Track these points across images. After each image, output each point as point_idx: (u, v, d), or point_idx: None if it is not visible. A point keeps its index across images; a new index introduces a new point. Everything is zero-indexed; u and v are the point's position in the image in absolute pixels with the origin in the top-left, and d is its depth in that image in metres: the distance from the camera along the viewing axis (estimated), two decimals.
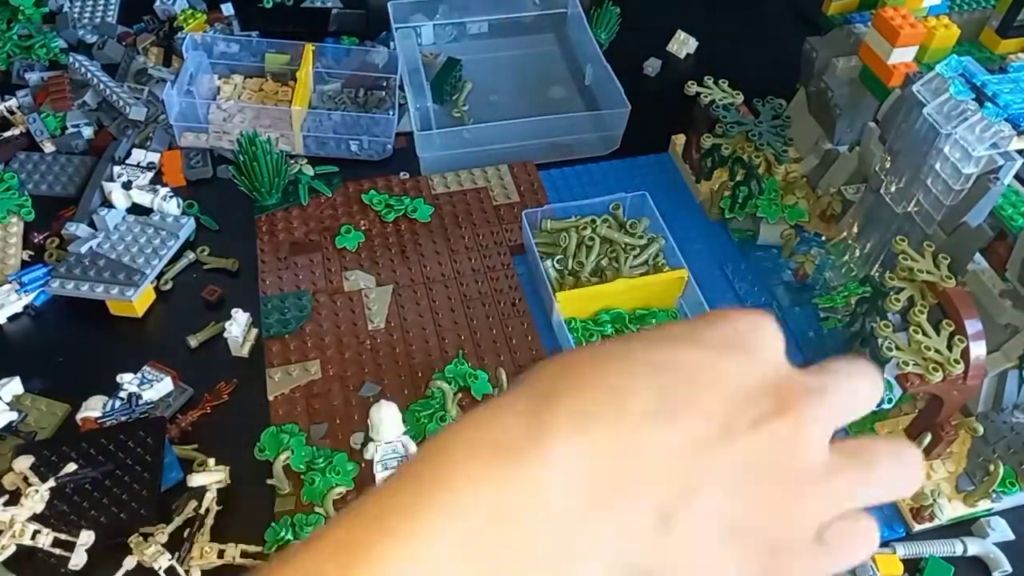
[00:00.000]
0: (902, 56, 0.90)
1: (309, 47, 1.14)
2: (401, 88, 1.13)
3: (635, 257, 0.93)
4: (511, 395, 0.30)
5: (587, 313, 0.90)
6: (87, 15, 1.28)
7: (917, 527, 0.78)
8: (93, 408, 0.82)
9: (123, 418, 0.82)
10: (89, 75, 1.13)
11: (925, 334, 0.76)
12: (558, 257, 0.93)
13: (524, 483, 0.27)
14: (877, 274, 0.88)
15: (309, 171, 1.06)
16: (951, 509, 0.79)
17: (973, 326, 0.75)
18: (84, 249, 0.94)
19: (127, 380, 0.84)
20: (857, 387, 0.33)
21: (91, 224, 0.99)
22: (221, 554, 0.73)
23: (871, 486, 0.32)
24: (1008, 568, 0.76)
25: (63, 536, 0.72)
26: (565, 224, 0.96)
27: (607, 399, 0.29)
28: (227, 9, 1.29)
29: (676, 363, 0.31)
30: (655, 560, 0.28)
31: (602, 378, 0.30)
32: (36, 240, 0.99)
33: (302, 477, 0.78)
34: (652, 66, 1.26)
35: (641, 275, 0.92)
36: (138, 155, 1.07)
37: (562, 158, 1.12)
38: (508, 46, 1.28)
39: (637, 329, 0.90)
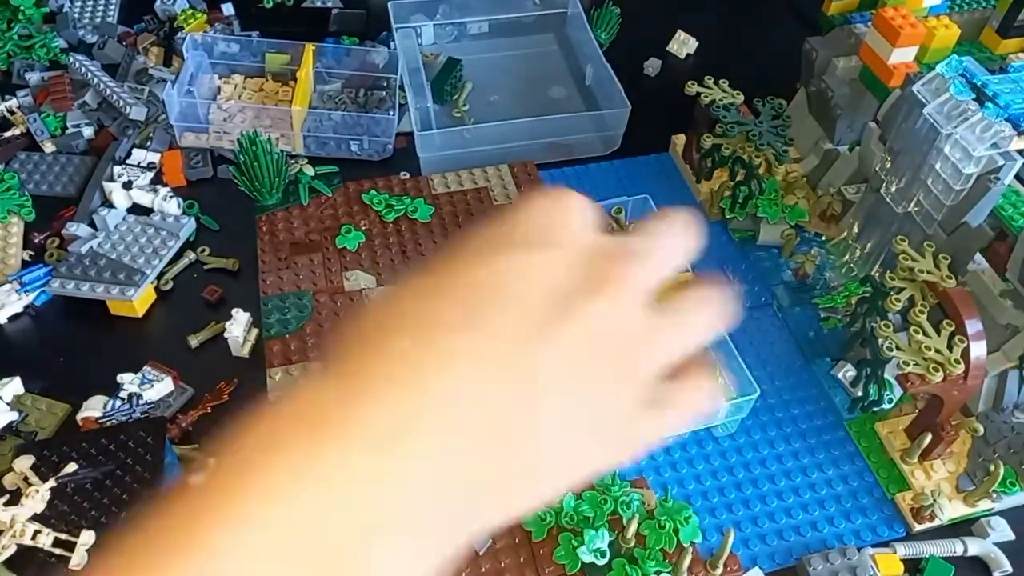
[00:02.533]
0: (902, 56, 0.90)
1: (309, 47, 1.14)
2: (401, 88, 1.13)
3: None
4: (323, 369, 0.31)
5: None
6: (87, 15, 1.28)
7: (917, 527, 0.78)
8: (93, 408, 0.82)
9: (123, 418, 0.82)
10: (89, 75, 1.13)
11: (925, 334, 0.76)
12: None
13: (332, 454, 0.27)
14: (877, 274, 0.88)
15: (309, 171, 1.06)
16: (951, 509, 0.79)
17: (973, 326, 0.75)
18: (84, 249, 0.94)
19: (127, 380, 0.84)
20: (671, 244, 0.35)
21: (91, 224, 0.99)
22: None
23: (688, 336, 0.34)
24: (1008, 568, 0.76)
25: (64, 536, 0.72)
26: None
27: (409, 349, 0.29)
28: (227, 9, 1.29)
29: (486, 280, 0.31)
30: (502, 472, 0.30)
31: (428, 318, 0.30)
32: (36, 240, 0.99)
33: None
34: (652, 66, 1.26)
35: None
36: (138, 155, 1.07)
37: (562, 158, 1.12)
38: (508, 46, 1.28)
39: None
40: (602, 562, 0.73)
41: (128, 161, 1.07)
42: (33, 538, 0.72)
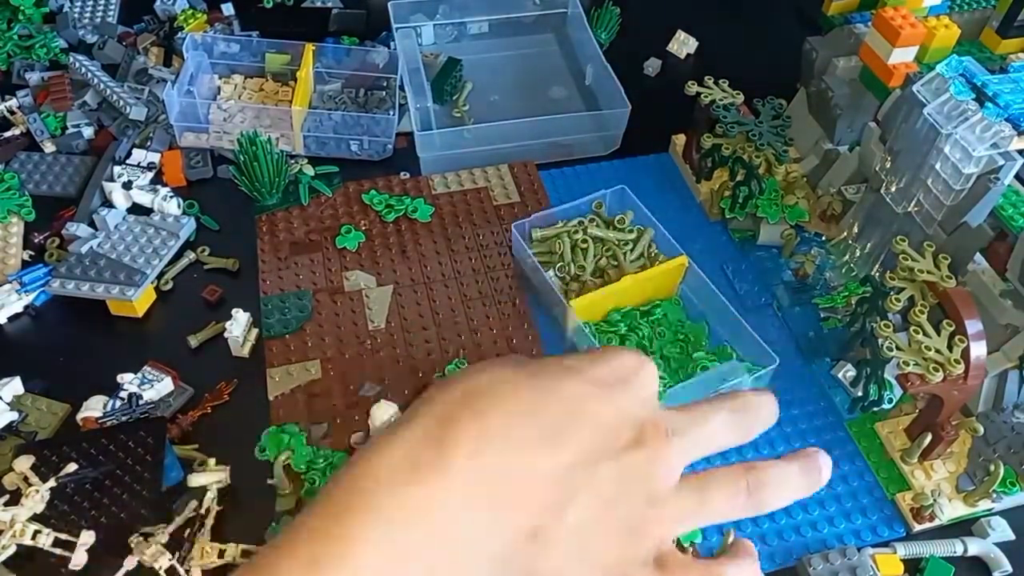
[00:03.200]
0: (902, 56, 0.90)
1: (309, 47, 1.14)
2: (401, 88, 1.13)
3: (631, 251, 0.94)
4: (414, 420, 0.35)
5: (599, 316, 0.90)
6: (87, 15, 1.28)
7: (917, 527, 0.78)
8: (93, 408, 0.82)
9: (123, 418, 0.82)
10: (89, 75, 1.13)
11: (925, 334, 0.76)
12: (559, 264, 0.93)
13: (427, 500, 0.32)
14: (877, 274, 0.89)
15: (309, 171, 1.06)
16: (951, 509, 0.79)
17: (973, 326, 0.75)
18: (84, 249, 0.94)
19: (127, 380, 0.84)
20: (713, 432, 0.39)
21: (91, 224, 0.99)
22: (221, 554, 0.73)
23: (702, 515, 0.38)
24: (1008, 568, 0.76)
25: (63, 536, 0.72)
26: (555, 231, 0.95)
27: (499, 428, 0.34)
28: (227, 9, 1.29)
29: (565, 395, 0.36)
30: (524, 564, 0.34)
31: (498, 407, 0.35)
32: (36, 240, 0.99)
33: (302, 477, 0.78)
34: (652, 66, 1.26)
35: (641, 268, 0.92)
36: (138, 155, 1.07)
37: (562, 158, 1.12)
38: (508, 46, 1.28)
39: (644, 322, 0.90)
40: None
41: (128, 161, 1.07)
42: (33, 538, 0.72)
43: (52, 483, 0.75)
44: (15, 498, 0.74)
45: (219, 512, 0.76)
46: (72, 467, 0.76)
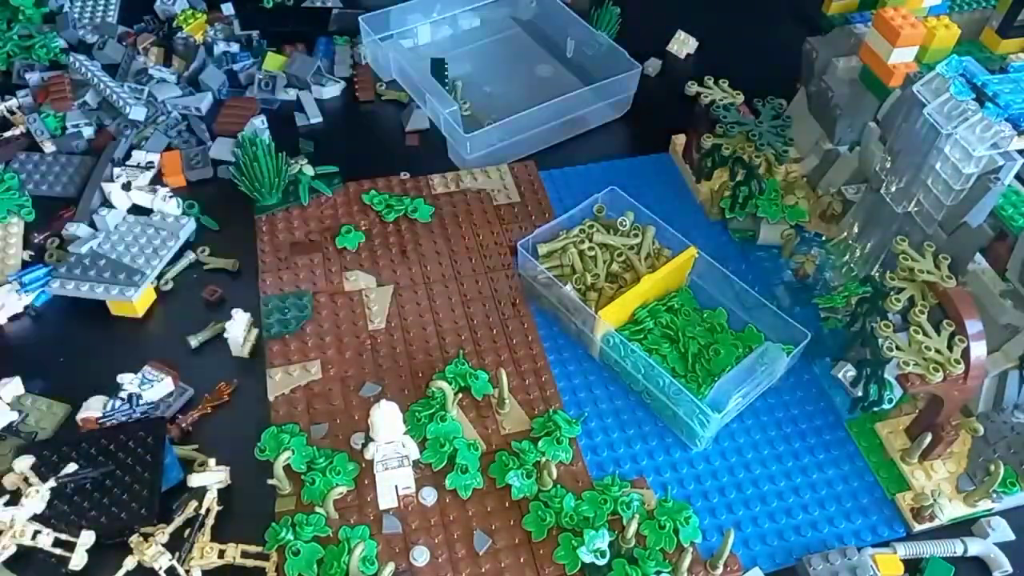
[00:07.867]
0: (902, 56, 0.90)
1: None
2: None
3: (639, 252, 0.94)
4: None
5: (622, 319, 0.90)
6: (87, 15, 1.28)
7: (918, 527, 0.78)
8: (93, 408, 0.82)
9: (123, 418, 0.82)
10: (89, 75, 1.13)
11: (926, 334, 0.76)
12: (575, 277, 0.92)
13: None
14: (877, 274, 0.88)
15: (309, 171, 1.06)
16: (952, 509, 0.79)
17: (973, 326, 0.75)
18: (84, 249, 0.94)
19: (127, 380, 0.84)
20: None
21: (91, 224, 0.99)
22: (221, 554, 0.73)
23: None
24: (1008, 568, 0.76)
25: (63, 536, 0.72)
26: (560, 243, 0.95)
27: None
28: (227, 9, 1.29)
29: None
30: None
31: None
32: (36, 240, 0.99)
33: (302, 477, 0.78)
34: (652, 66, 1.26)
35: (651, 266, 0.93)
36: (138, 155, 1.07)
37: (580, 131, 1.13)
38: (472, 37, 1.29)
39: (667, 313, 0.91)
40: (602, 562, 0.73)
41: (127, 161, 1.07)
42: (33, 538, 0.72)
43: (52, 483, 0.75)
44: (15, 498, 0.75)
45: (219, 512, 0.76)
46: (72, 467, 0.76)
